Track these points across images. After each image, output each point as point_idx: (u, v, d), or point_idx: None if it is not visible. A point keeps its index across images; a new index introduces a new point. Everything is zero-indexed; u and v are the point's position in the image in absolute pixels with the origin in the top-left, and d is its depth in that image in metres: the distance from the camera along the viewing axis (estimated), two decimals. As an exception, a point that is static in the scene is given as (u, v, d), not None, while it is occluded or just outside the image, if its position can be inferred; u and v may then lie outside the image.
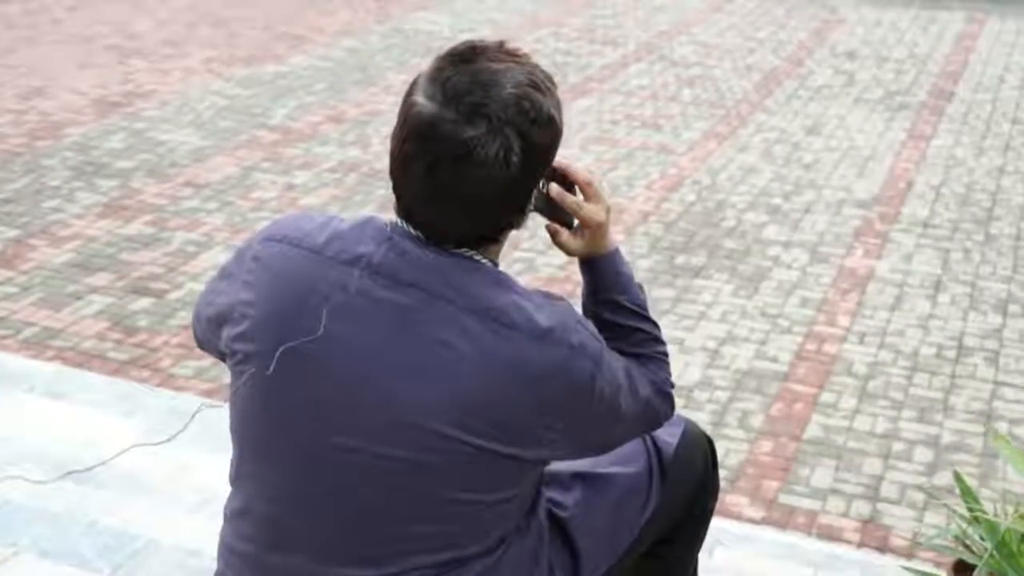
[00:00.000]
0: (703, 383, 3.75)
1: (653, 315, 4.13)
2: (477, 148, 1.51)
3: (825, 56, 8.01)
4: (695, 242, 4.85)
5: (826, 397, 3.70)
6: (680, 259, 4.68)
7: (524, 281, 4.39)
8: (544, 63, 7.50)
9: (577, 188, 1.78)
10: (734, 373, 3.82)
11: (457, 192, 1.54)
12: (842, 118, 6.63)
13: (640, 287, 1.84)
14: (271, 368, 1.58)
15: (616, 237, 4.86)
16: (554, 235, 1.78)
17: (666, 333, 4.05)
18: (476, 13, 8.84)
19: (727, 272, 4.57)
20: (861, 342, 4.06)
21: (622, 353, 1.78)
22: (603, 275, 1.80)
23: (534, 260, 4.61)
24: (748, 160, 5.88)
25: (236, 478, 1.69)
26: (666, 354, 1.83)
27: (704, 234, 4.93)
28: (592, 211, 1.76)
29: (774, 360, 3.92)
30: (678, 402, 3.62)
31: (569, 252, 1.79)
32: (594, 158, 5.81)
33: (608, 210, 1.78)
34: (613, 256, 1.81)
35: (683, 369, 3.82)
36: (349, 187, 5.32)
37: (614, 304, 1.80)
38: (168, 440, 3.09)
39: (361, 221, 1.63)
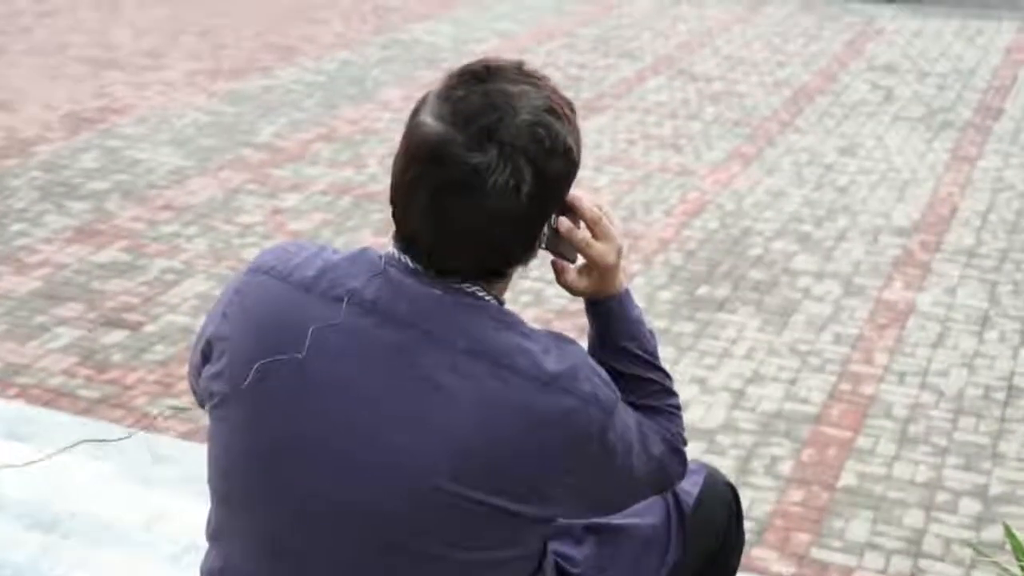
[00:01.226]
0: (727, 426, 3.74)
1: (671, 353, 4.15)
2: (486, 175, 1.52)
3: (861, 70, 8.02)
4: (718, 272, 4.85)
5: (862, 442, 3.69)
6: (702, 291, 4.68)
7: (532, 315, 4.39)
8: (555, 77, 7.53)
9: (584, 225, 1.77)
10: (761, 415, 3.81)
11: (462, 223, 1.54)
12: (879, 138, 6.63)
13: (651, 332, 1.83)
14: (247, 382, 1.57)
15: (633, 267, 4.86)
16: (560, 273, 1.78)
17: (687, 371, 4.05)
18: (481, 23, 8.88)
19: (753, 305, 4.57)
20: (901, 382, 4.05)
21: (631, 406, 1.77)
22: (612, 320, 1.80)
23: (543, 291, 4.61)
24: (776, 183, 5.89)
25: (214, 534, 1.68)
26: (679, 407, 1.83)
27: (728, 264, 4.93)
28: (602, 252, 1.75)
29: (805, 401, 3.91)
30: (700, 447, 3.61)
31: (574, 292, 1.79)
32: (609, 180, 5.81)
33: (619, 251, 1.77)
34: (623, 299, 1.80)
35: (705, 411, 3.81)
36: (342, 211, 5.32)
37: (623, 352, 1.80)
38: (121, 439, 3.07)
39: (354, 253, 1.63)
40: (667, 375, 1.83)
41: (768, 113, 6.99)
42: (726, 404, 3.86)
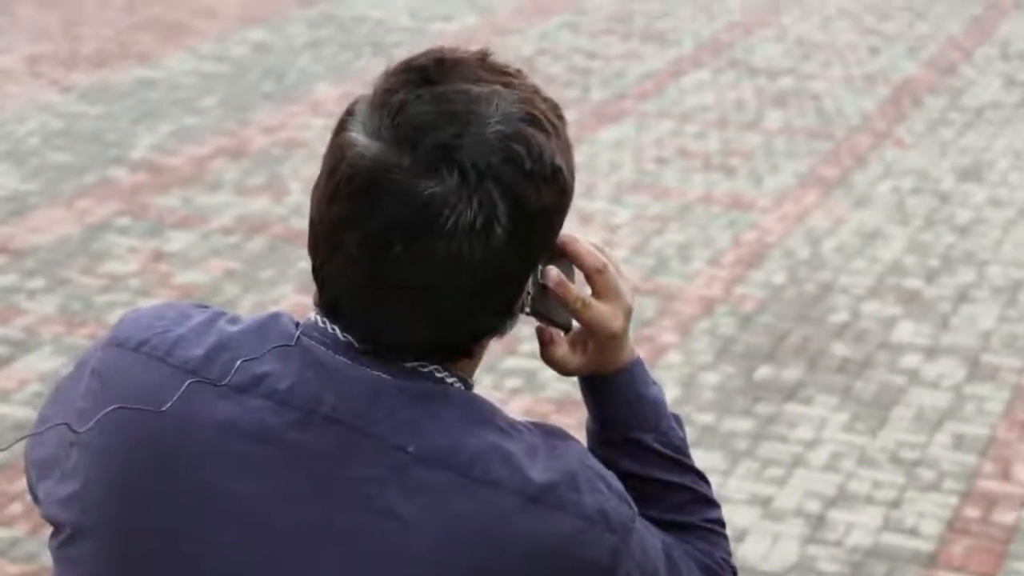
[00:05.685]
0: (800, 567, 3.72)
1: (720, 461, 4.13)
2: (443, 212, 1.53)
3: (991, 59, 8.06)
4: (788, 346, 4.84)
5: (995, 591, 3.67)
6: (763, 372, 4.67)
7: (522, 405, 4.38)
8: (554, 71, 7.56)
9: (582, 275, 1.78)
10: (850, 552, 3.79)
11: (409, 282, 1.55)
12: (1018, 154, 6.65)
13: (677, 419, 1.84)
14: (87, 428, 1.56)
15: (665, 337, 4.86)
16: (546, 344, 1.77)
17: (742, 487, 4.03)
18: (451, -8, 8.95)
19: (837, 394, 4.56)
20: (1049, 505, 4.04)
21: (652, 522, 1.77)
22: (618, 401, 1.81)
23: (537, 373, 4.60)
24: (869, 220, 5.90)
25: None
26: (722, 523, 1.82)
27: (801, 334, 4.93)
28: (603, 315, 1.75)
29: (913, 532, 3.89)
30: (762, 598, 3.59)
31: (566, 371, 1.79)
32: (631, 214, 5.82)
33: (628, 313, 1.78)
34: (631, 372, 1.81)
35: (770, 545, 3.79)
36: (253, 257, 5.32)
37: (636, 446, 1.80)
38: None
39: (260, 322, 1.63)
40: (702, 478, 1.83)
41: (857, 120, 7.02)
42: (799, 535, 3.84)
